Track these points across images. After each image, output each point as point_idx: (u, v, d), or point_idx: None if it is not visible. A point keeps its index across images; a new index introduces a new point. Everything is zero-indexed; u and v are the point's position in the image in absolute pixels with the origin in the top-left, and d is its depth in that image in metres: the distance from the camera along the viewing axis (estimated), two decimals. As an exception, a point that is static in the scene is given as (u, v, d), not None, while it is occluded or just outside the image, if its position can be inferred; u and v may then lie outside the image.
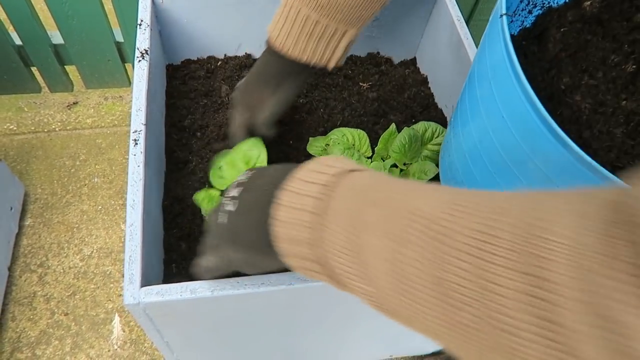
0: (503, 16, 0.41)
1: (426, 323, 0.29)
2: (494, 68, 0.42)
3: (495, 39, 0.42)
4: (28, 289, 1.12)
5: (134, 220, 0.55)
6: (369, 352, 0.98)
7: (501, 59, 0.40)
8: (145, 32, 0.73)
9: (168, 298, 0.51)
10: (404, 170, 0.73)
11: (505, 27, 0.40)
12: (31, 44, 1.22)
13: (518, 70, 0.38)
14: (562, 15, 0.55)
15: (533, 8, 0.56)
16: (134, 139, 0.62)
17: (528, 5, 0.56)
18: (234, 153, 0.70)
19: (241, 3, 0.82)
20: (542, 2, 0.56)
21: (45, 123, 1.42)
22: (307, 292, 0.54)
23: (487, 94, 0.43)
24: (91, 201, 1.27)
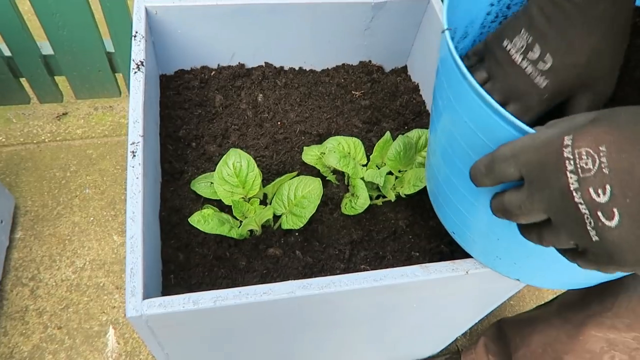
0: (445, 31, 0.44)
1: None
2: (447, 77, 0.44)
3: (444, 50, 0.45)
4: (20, 303, 1.11)
5: (135, 233, 0.55)
6: (367, 358, 0.99)
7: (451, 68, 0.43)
8: (140, 43, 0.74)
9: (171, 310, 0.51)
10: (400, 177, 0.74)
11: (448, 37, 0.43)
12: (20, 55, 1.22)
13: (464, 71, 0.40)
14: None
15: (504, 20, 0.58)
16: (132, 150, 0.62)
17: (497, 17, 0.57)
18: (220, 167, 0.70)
19: (235, 13, 0.82)
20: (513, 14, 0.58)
21: (34, 134, 1.41)
22: (309, 300, 0.55)
23: (446, 101, 0.45)
24: (83, 212, 1.27)
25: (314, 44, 0.91)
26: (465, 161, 0.44)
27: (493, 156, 0.38)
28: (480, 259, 0.56)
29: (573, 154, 0.32)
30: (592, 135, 0.32)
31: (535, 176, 0.35)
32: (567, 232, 0.35)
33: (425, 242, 0.74)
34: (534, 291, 1.25)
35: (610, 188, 0.31)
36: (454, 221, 0.54)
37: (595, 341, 0.70)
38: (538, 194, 0.35)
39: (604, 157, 0.31)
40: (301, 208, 0.68)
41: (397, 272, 0.55)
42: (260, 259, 0.70)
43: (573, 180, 0.32)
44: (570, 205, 0.33)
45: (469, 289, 0.65)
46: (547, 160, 0.34)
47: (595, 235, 0.32)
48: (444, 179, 0.51)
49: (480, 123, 0.40)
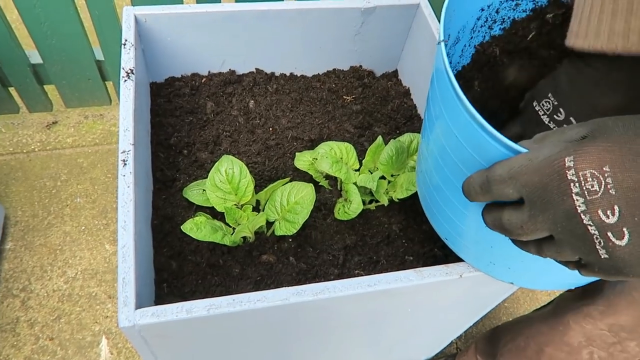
0: (441, 43, 0.44)
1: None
2: (440, 89, 0.45)
3: (438, 62, 0.45)
4: (11, 314, 1.10)
5: (126, 242, 0.54)
6: (361, 363, 0.98)
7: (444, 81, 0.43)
8: (130, 51, 0.73)
9: (164, 319, 0.50)
10: (392, 181, 0.74)
11: (443, 52, 0.43)
12: (9, 64, 1.21)
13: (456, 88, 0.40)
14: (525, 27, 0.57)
15: (493, 24, 0.58)
16: (123, 159, 0.61)
17: (487, 21, 0.58)
18: (213, 174, 0.70)
19: (225, 20, 0.82)
20: (502, 17, 0.58)
21: (24, 144, 1.39)
22: (303, 307, 0.55)
23: (439, 113, 0.45)
24: (74, 222, 1.25)
25: (304, 49, 0.92)
26: (455, 173, 0.44)
27: (489, 177, 0.38)
28: (474, 265, 0.56)
29: (577, 177, 0.32)
30: (593, 155, 0.32)
31: (538, 197, 0.35)
32: (573, 249, 0.35)
33: (418, 246, 0.74)
34: (527, 293, 1.25)
35: (618, 208, 0.31)
36: (446, 228, 0.54)
37: (573, 334, 0.70)
38: (541, 215, 0.35)
39: (609, 178, 0.31)
40: (294, 214, 0.68)
41: (391, 276, 0.55)
42: (253, 265, 0.70)
43: (580, 203, 0.32)
44: (578, 226, 0.33)
45: (463, 293, 0.65)
46: (549, 182, 0.34)
47: (605, 253, 0.33)
48: (435, 187, 0.51)
49: (470, 139, 0.40)
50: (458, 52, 0.59)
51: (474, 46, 0.59)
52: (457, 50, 0.59)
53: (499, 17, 0.58)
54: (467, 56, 0.60)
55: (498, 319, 1.19)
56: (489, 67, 0.60)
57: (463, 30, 0.57)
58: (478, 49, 0.58)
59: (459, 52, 0.59)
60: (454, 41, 0.57)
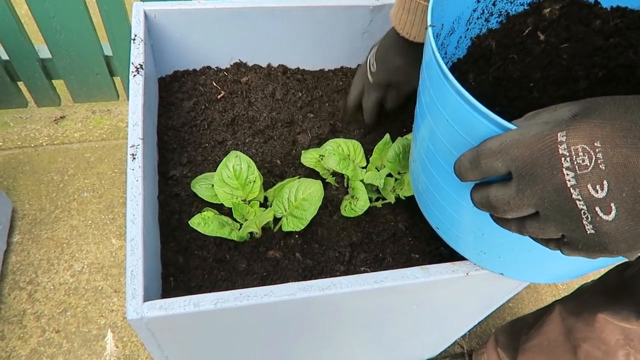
0: (429, 27, 0.45)
1: None
2: (429, 75, 0.45)
3: (427, 48, 0.45)
4: (17, 306, 1.10)
5: (135, 235, 0.55)
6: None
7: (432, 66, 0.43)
8: (140, 46, 0.74)
9: (171, 312, 0.51)
10: (399, 179, 0.74)
11: (431, 36, 0.43)
12: (18, 58, 1.22)
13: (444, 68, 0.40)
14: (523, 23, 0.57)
15: (490, 16, 0.58)
16: (132, 153, 0.62)
17: (483, 14, 0.58)
18: (220, 170, 0.71)
19: (234, 17, 0.83)
20: (499, 10, 0.58)
21: (32, 138, 1.41)
22: (309, 302, 0.55)
23: (429, 100, 0.45)
24: (81, 216, 1.26)
25: (312, 47, 0.92)
26: (447, 159, 0.44)
27: (478, 151, 0.38)
28: (466, 254, 0.56)
29: (569, 151, 0.32)
30: (586, 131, 0.32)
31: (527, 172, 0.35)
32: (558, 225, 0.35)
33: (424, 244, 0.74)
34: (532, 293, 1.25)
35: (607, 183, 0.32)
36: (437, 217, 0.54)
37: (610, 331, 0.70)
38: (529, 189, 0.35)
39: (600, 153, 0.32)
40: (302, 210, 0.68)
41: (397, 273, 0.56)
42: (260, 261, 0.70)
43: (570, 177, 0.33)
44: (566, 200, 0.33)
45: (469, 291, 0.65)
46: (539, 157, 0.34)
47: (592, 228, 0.33)
48: (428, 174, 0.51)
49: (461, 121, 0.40)
50: (454, 44, 0.59)
51: (470, 38, 0.58)
52: (453, 42, 0.59)
53: (495, 10, 0.58)
54: (463, 48, 0.60)
55: (502, 319, 1.19)
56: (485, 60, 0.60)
57: (458, 21, 0.56)
58: (474, 42, 0.58)
59: (454, 44, 0.59)
60: (449, 31, 0.57)
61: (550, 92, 0.58)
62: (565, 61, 0.56)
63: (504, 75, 0.57)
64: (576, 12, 0.56)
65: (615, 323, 0.69)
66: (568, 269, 0.51)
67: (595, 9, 0.56)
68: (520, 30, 0.56)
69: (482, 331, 1.16)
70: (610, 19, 0.56)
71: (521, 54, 0.57)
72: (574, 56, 0.56)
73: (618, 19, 0.56)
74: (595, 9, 0.56)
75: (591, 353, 0.74)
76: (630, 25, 0.55)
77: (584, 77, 0.57)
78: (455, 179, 0.42)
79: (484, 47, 0.57)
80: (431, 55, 0.43)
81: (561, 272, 0.53)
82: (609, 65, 0.56)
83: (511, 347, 0.90)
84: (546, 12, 0.56)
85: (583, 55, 0.56)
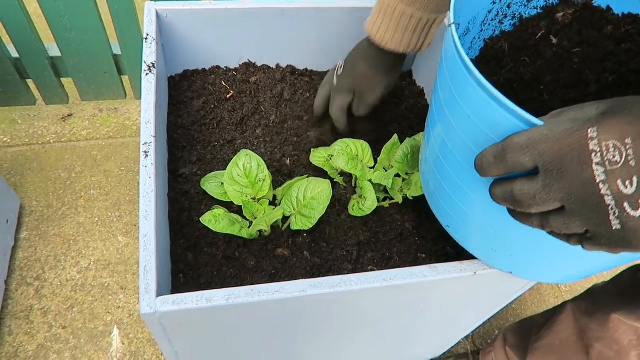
0: (452, 25, 0.45)
1: None
2: (450, 70, 0.45)
3: (449, 45, 0.45)
4: (25, 302, 1.11)
5: (148, 231, 0.56)
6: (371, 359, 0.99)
7: (454, 61, 0.43)
8: (152, 45, 0.75)
9: (184, 307, 0.51)
10: (407, 179, 0.75)
11: (454, 33, 0.44)
12: (28, 56, 1.23)
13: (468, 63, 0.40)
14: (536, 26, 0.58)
15: (504, 18, 0.59)
16: (145, 150, 0.63)
17: (498, 15, 0.58)
18: (231, 168, 0.71)
19: (244, 17, 0.83)
20: (513, 13, 0.59)
21: (39, 135, 1.42)
22: (319, 299, 0.56)
23: (449, 97, 0.46)
24: (87, 213, 1.27)
25: (321, 48, 0.93)
26: (466, 156, 0.45)
27: (504, 146, 0.38)
28: (476, 253, 0.56)
29: (600, 147, 0.33)
30: (617, 127, 0.33)
31: (555, 166, 0.35)
32: (583, 220, 0.35)
33: (431, 244, 0.75)
34: (535, 295, 1.26)
35: (637, 180, 0.32)
36: (449, 215, 0.55)
37: (624, 331, 0.70)
38: (556, 184, 0.35)
39: (631, 150, 0.32)
40: (310, 209, 0.69)
41: (406, 272, 0.56)
42: (268, 259, 0.71)
43: (600, 173, 0.33)
44: (594, 196, 0.34)
45: (476, 290, 0.66)
46: (569, 152, 0.34)
47: (618, 224, 0.34)
48: (441, 173, 0.52)
49: (484, 117, 0.41)
50: (467, 44, 0.60)
51: (484, 40, 0.59)
52: (467, 42, 0.60)
53: (510, 12, 0.59)
54: (476, 49, 0.60)
55: (505, 320, 1.19)
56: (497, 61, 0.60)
57: (473, 22, 0.57)
58: (487, 43, 0.59)
59: (467, 44, 0.60)
60: (464, 32, 0.58)
61: (560, 95, 0.59)
62: (576, 65, 0.57)
63: (515, 77, 0.58)
64: (588, 17, 0.57)
65: (629, 324, 0.69)
66: (579, 269, 0.52)
67: (607, 15, 0.57)
68: (533, 34, 0.57)
69: (485, 332, 1.17)
70: (621, 24, 0.56)
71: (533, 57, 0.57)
72: (585, 60, 0.57)
73: (629, 25, 0.56)
74: (607, 15, 0.57)
75: (604, 353, 0.74)
76: None
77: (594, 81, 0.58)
78: (471, 176, 0.43)
79: (497, 48, 0.58)
80: (454, 51, 0.43)
81: (572, 272, 0.54)
82: (619, 70, 0.56)
83: (520, 347, 0.90)
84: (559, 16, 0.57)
85: (594, 59, 0.56)
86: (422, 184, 0.61)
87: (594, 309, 0.76)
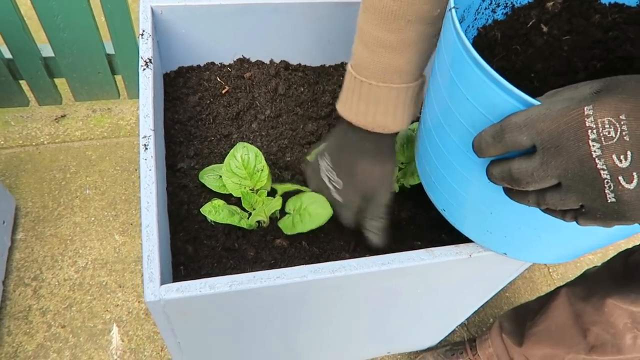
0: (452, 9, 0.46)
1: None
2: (450, 54, 0.47)
3: (448, 30, 0.47)
4: (23, 302, 1.11)
5: (150, 222, 0.56)
6: (366, 349, 1.01)
7: (454, 45, 0.45)
8: (148, 41, 0.76)
9: (188, 294, 0.52)
10: (403, 169, 0.76)
11: (454, 17, 0.45)
12: (21, 57, 1.23)
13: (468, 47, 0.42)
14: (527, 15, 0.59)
15: (497, 7, 0.61)
16: (144, 144, 0.64)
17: (491, 4, 0.60)
18: (228, 160, 0.73)
19: (239, 12, 0.85)
20: (506, 2, 0.61)
21: (33, 136, 1.41)
22: (319, 284, 0.57)
23: (448, 81, 0.47)
24: (84, 213, 1.27)
25: (314, 43, 0.94)
26: (463, 137, 0.46)
27: (502, 125, 0.40)
28: (471, 235, 0.58)
29: (596, 124, 0.35)
30: (611, 104, 0.34)
31: (552, 144, 0.37)
32: (579, 195, 0.37)
33: (427, 232, 0.77)
34: (528, 283, 1.28)
35: (631, 154, 0.34)
36: (445, 198, 0.56)
37: (619, 315, 0.72)
38: (554, 160, 0.37)
39: (625, 125, 0.34)
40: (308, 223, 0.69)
41: (404, 256, 0.58)
42: (267, 249, 0.72)
43: (596, 148, 0.35)
44: (590, 170, 0.35)
45: (471, 273, 0.68)
46: (566, 129, 0.36)
47: (613, 197, 0.35)
48: (439, 156, 0.53)
49: (483, 99, 0.42)
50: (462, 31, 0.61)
51: (477, 28, 0.61)
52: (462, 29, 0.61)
53: (502, 2, 0.60)
54: (470, 37, 0.62)
55: (500, 308, 1.21)
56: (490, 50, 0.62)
57: (468, 10, 0.59)
58: (481, 32, 0.60)
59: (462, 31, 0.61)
60: (459, 20, 0.59)
61: (550, 82, 0.60)
62: (566, 53, 0.59)
63: (507, 65, 0.60)
64: (577, 6, 0.58)
65: (624, 307, 0.71)
66: (572, 248, 0.54)
67: (595, 4, 0.59)
68: (525, 22, 0.59)
69: (480, 320, 1.19)
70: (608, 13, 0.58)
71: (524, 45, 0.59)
72: (575, 48, 0.59)
73: (616, 14, 0.58)
74: (595, 4, 0.59)
75: (601, 336, 0.76)
76: (628, 20, 0.58)
77: (583, 68, 0.60)
78: (469, 158, 0.44)
79: (490, 37, 0.60)
80: (454, 35, 0.44)
81: (565, 252, 0.55)
82: (607, 57, 0.58)
83: (517, 333, 0.92)
84: (549, 5, 0.58)
85: (583, 47, 0.58)
86: (418, 170, 0.63)
87: (589, 294, 0.78)
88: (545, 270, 1.32)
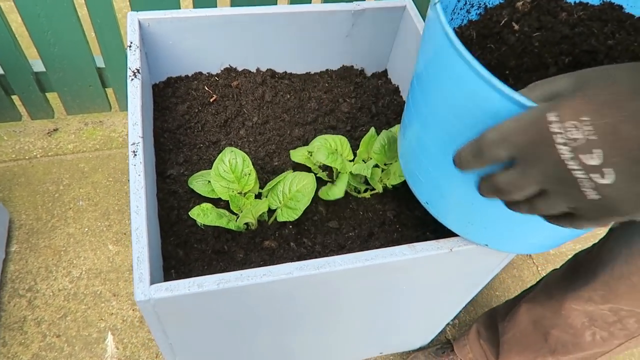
0: (437, 4, 0.49)
1: None
2: (434, 47, 0.49)
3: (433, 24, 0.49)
4: (18, 313, 1.12)
5: (139, 225, 0.58)
6: (359, 349, 1.02)
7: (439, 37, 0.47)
8: (135, 52, 0.78)
9: (177, 293, 0.54)
10: (385, 169, 0.79)
11: (440, 10, 0.47)
12: (13, 72, 1.25)
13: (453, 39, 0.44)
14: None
15: (471, 8, 0.64)
16: (133, 150, 0.66)
17: (465, 5, 0.63)
18: (217, 165, 0.75)
19: (225, 23, 0.87)
20: (479, 3, 0.64)
21: (26, 150, 1.43)
22: (305, 281, 0.59)
23: (433, 73, 0.49)
24: (77, 224, 1.29)
25: (299, 50, 0.97)
26: (446, 128, 0.49)
27: (479, 143, 0.42)
28: (453, 227, 0.60)
29: (561, 128, 0.36)
30: (572, 108, 0.36)
31: (528, 154, 0.39)
32: (563, 198, 0.39)
33: (411, 230, 0.79)
34: (517, 281, 1.30)
35: (601, 151, 0.35)
36: (429, 191, 0.59)
37: (576, 315, 0.75)
38: (531, 169, 0.39)
39: (590, 125, 0.35)
40: (296, 201, 0.73)
41: (387, 251, 0.60)
42: (256, 251, 0.74)
43: (565, 151, 0.36)
44: (565, 173, 0.37)
45: (455, 269, 0.70)
46: (536, 139, 0.38)
47: (596, 194, 0.37)
48: (423, 148, 0.55)
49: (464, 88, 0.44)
50: None
51: (454, 28, 0.64)
52: None
53: (476, 2, 0.63)
54: None
55: (489, 307, 1.23)
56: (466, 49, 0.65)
57: (445, 11, 0.62)
58: (457, 32, 0.63)
59: None
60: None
61: (524, 79, 0.63)
62: (537, 49, 0.62)
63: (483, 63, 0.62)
64: (545, 5, 0.62)
65: (580, 308, 0.74)
66: (548, 238, 0.56)
67: (561, 3, 0.62)
68: (497, 21, 0.62)
69: (470, 319, 1.21)
70: (574, 11, 0.62)
71: (498, 44, 0.62)
72: (545, 44, 0.62)
73: (581, 12, 0.62)
74: (561, 3, 0.62)
75: (561, 337, 0.79)
76: (592, 17, 0.62)
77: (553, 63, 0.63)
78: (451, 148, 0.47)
79: (466, 37, 0.62)
80: (441, 31, 0.46)
81: (542, 242, 0.58)
82: (574, 52, 0.61)
83: (493, 340, 0.95)
84: (519, 4, 0.62)
85: (552, 43, 0.62)
86: (402, 165, 0.65)
87: (547, 299, 0.81)
88: (534, 268, 1.34)
